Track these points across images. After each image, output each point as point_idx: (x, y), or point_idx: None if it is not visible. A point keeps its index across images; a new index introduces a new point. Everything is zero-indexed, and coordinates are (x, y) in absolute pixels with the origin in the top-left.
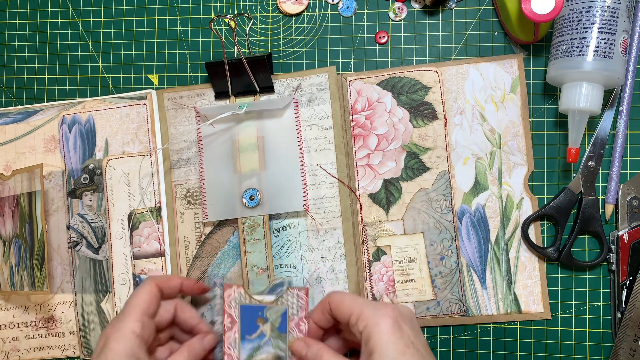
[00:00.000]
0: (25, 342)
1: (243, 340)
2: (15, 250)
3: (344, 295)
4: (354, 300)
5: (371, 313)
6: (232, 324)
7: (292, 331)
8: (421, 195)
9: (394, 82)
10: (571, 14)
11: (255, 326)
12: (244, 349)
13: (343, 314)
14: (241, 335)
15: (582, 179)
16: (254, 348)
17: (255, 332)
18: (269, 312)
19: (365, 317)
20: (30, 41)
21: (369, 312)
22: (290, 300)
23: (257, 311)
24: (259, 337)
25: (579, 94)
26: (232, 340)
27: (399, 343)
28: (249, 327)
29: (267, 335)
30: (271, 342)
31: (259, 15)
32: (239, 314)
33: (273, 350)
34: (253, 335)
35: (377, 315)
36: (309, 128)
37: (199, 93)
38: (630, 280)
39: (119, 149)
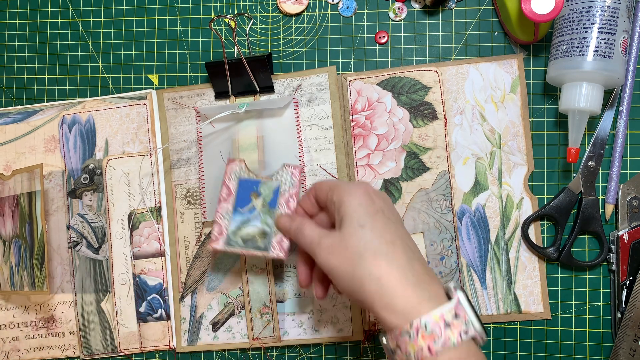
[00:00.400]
0: (25, 342)
1: (235, 212)
2: (15, 250)
3: (325, 181)
4: (334, 181)
5: (345, 186)
6: (228, 195)
7: (281, 207)
8: (421, 195)
9: (394, 82)
10: (571, 14)
11: (248, 199)
12: (234, 221)
13: (323, 194)
14: (234, 207)
15: (582, 179)
16: (243, 221)
17: (247, 205)
18: (263, 187)
19: (340, 189)
20: (30, 41)
21: (344, 185)
22: (284, 176)
23: (252, 185)
24: (250, 211)
25: (579, 94)
26: (225, 211)
27: (368, 208)
28: (242, 200)
29: (257, 209)
30: (260, 216)
31: (259, 15)
32: (236, 187)
33: (260, 226)
34: (245, 208)
35: (350, 186)
36: (309, 128)
37: (199, 93)
38: (630, 280)
39: (119, 149)
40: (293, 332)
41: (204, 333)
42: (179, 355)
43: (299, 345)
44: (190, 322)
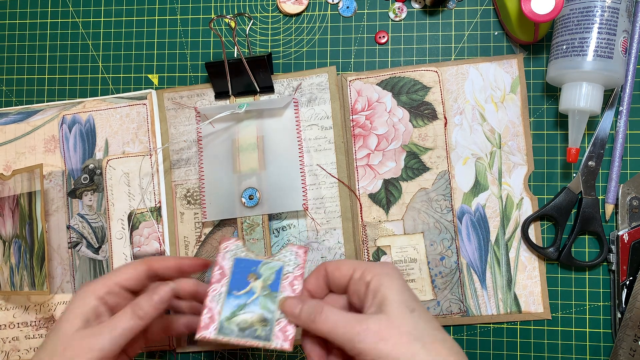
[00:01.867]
0: (25, 342)
1: (229, 296)
2: (15, 250)
3: (341, 260)
4: (353, 261)
5: (378, 268)
6: (222, 276)
7: (285, 290)
8: (421, 195)
9: (394, 82)
10: (571, 14)
11: (245, 282)
12: (227, 305)
13: (343, 274)
14: (229, 289)
15: (582, 179)
16: (239, 305)
17: (244, 289)
18: (263, 268)
19: (372, 271)
20: (30, 41)
21: (375, 267)
22: (287, 257)
23: (251, 266)
24: (247, 294)
25: (579, 94)
26: (217, 294)
27: (411, 292)
28: (238, 282)
29: (256, 293)
30: (259, 301)
31: (259, 15)
32: (231, 267)
33: (260, 311)
34: (241, 291)
35: (385, 268)
36: (309, 128)
37: (199, 93)
38: (630, 280)
39: (119, 149)
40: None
41: None
42: (179, 355)
43: (299, 346)
44: None
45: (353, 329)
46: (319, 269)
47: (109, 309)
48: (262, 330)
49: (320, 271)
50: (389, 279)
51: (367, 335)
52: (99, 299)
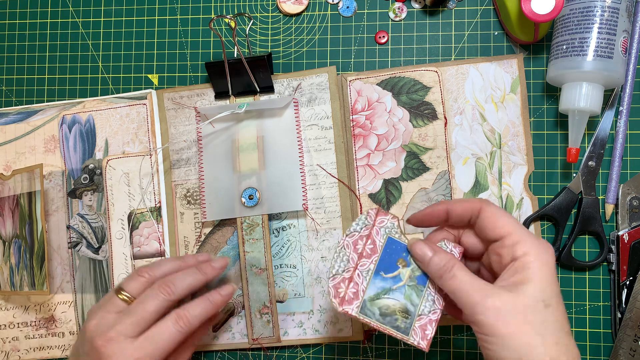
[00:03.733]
0: (25, 342)
1: (376, 275)
2: (15, 250)
3: (499, 212)
4: (512, 222)
5: (534, 246)
6: (372, 252)
7: (430, 288)
8: (421, 195)
9: (394, 82)
10: (571, 14)
11: (394, 266)
12: (373, 285)
13: (496, 231)
14: (376, 269)
15: (582, 179)
16: (384, 289)
17: (392, 272)
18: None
19: (526, 247)
20: (30, 41)
21: (532, 244)
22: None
23: (402, 250)
24: (394, 279)
25: (579, 94)
26: (366, 270)
27: (555, 284)
28: (387, 264)
29: (403, 280)
30: (404, 289)
31: (259, 15)
32: (383, 245)
33: (403, 300)
34: (389, 274)
35: (541, 248)
36: (309, 128)
37: (199, 93)
38: (630, 280)
39: (119, 149)
40: (293, 332)
41: None
42: None
43: (299, 346)
44: None
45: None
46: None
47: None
48: (402, 321)
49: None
50: (539, 263)
51: (489, 310)
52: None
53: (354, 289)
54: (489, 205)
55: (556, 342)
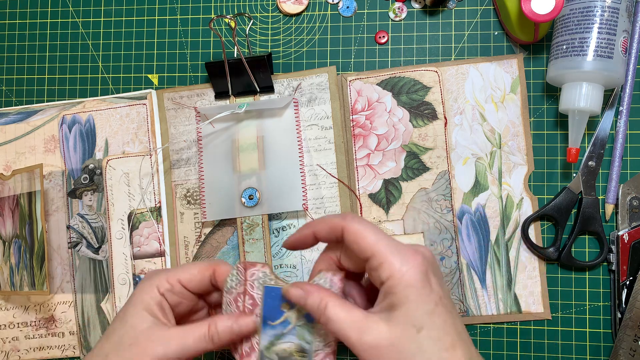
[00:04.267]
0: (25, 342)
1: (265, 326)
2: (15, 250)
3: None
4: (374, 240)
5: (397, 262)
6: (254, 306)
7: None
8: (421, 195)
9: (394, 82)
10: (571, 14)
11: (279, 312)
12: (265, 335)
13: (361, 253)
14: (263, 319)
15: (582, 179)
16: (276, 335)
17: (278, 319)
18: None
19: (389, 266)
20: (30, 41)
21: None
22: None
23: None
24: (283, 324)
25: (579, 94)
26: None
27: (426, 299)
28: (272, 312)
29: (291, 323)
30: (296, 331)
31: (259, 15)
32: (262, 296)
33: (297, 341)
34: (276, 321)
35: (405, 267)
36: (309, 128)
37: (199, 93)
38: (630, 280)
39: (119, 149)
40: None
41: None
42: None
43: None
44: None
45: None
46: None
47: (171, 306)
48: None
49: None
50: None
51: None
52: (162, 294)
53: (247, 344)
54: (352, 222)
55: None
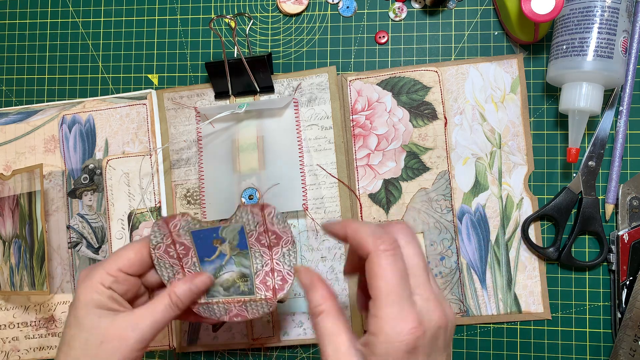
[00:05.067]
0: (25, 342)
1: (203, 263)
2: (15, 250)
3: (382, 269)
4: (385, 286)
5: (390, 326)
6: (187, 249)
7: (254, 246)
8: (421, 195)
9: (394, 82)
10: (571, 14)
11: (212, 248)
12: (205, 271)
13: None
14: (200, 259)
15: (582, 179)
16: (216, 268)
17: (214, 253)
18: (225, 232)
19: (381, 325)
20: (30, 41)
21: (388, 324)
22: (244, 217)
23: (211, 234)
24: (219, 257)
25: (579, 94)
26: (191, 264)
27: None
28: (206, 250)
29: (227, 255)
30: (233, 260)
31: (259, 15)
32: (191, 240)
33: (237, 269)
34: (213, 256)
35: (393, 334)
36: (309, 128)
37: (199, 93)
38: (630, 280)
39: (119, 149)
40: (293, 332)
41: (203, 333)
42: (179, 355)
43: (299, 346)
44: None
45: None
46: (365, 248)
47: (121, 295)
48: (244, 285)
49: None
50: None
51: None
52: (109, 288)
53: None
54: (377, 257)
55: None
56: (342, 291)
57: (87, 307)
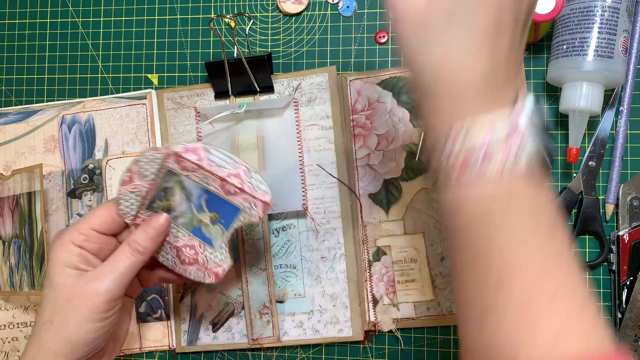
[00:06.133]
0: (25, 342)
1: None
2: (15, 250)
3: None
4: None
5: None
6: (150, 189)
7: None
8: (421, 196)
9: (394, 82)
10: (571, 14)
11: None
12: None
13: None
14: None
15: (583, 179)
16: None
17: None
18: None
19: None
20: (30, 41)
21: None
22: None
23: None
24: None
25: (580, 93)
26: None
27: None
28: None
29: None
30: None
31: (259, 15)
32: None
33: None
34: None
35: None
36: (309, 128)
37: (198, 93)
38: (630, 280)
39: (118, 149)
40: (293, 332)
41: (203, 333)
42: (179, 355)
43: (298, 346)
44: (190, 322)
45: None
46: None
47: (93, 254)
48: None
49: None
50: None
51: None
52: (79, 246)
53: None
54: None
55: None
56: (342, 291)
57: (56, 267)
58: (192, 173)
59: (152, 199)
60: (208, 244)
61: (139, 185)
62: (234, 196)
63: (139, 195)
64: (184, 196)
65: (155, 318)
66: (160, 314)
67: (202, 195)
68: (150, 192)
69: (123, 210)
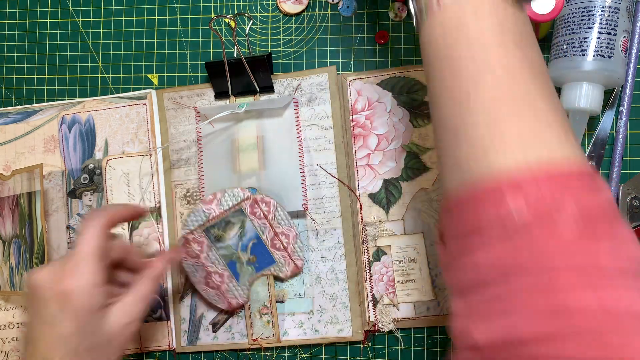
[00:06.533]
0: None
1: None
2: (15, 250)
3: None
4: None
5: None
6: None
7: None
8: (421, 196)
9: (394, 82)
10: (571, 14)
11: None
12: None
13: None
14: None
15: None
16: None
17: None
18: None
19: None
20: (30, 41)
21: None
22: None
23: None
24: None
25: (579, 93)
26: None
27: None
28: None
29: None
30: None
31: (259, 15)
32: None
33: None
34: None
35: None
36: (309, 128)
37: (198, 93)
38: None
39: (118, 149)
40: (293, 332)
41: (203, 333)
42: (179, 355)
43: (298, 346)
44: (190, 322)
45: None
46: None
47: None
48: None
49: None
50: None
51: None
52: (100, 287)
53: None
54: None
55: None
56: (342, 291)
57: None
58: (256, 218)
59: (212, 225)
60: (235, 279)
61: (213, 209)
62: (276, 250)
63: (207, 217)
64: (239, 234)
65: (155, 318)
66: (160, 314)
67: (252, 238)
68: (216, 218)
69: (187, 222)
